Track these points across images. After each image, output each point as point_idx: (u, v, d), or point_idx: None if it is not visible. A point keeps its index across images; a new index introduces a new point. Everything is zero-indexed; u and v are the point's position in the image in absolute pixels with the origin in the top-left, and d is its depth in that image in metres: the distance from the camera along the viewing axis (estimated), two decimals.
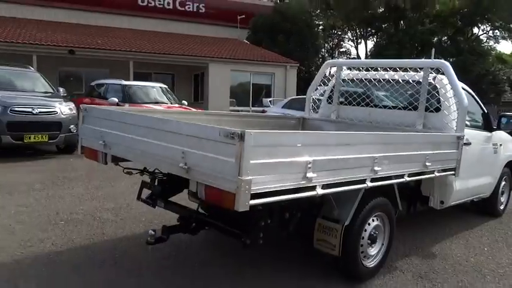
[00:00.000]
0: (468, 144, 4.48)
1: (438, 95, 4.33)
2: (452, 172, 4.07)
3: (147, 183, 3.58)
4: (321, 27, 42.93)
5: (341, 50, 52.54)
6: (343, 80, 5.18)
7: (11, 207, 4.81)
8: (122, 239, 3.99)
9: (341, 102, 5.18)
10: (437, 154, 3.72)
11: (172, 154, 2.52)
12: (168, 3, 24.00)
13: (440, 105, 4.31)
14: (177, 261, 3.55)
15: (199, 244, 3.94)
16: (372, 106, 4.86)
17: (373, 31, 37.82)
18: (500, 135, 5.35)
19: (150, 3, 23.33)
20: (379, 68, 4.88)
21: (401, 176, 3.37)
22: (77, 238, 3.95)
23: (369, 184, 3.00)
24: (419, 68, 4.49)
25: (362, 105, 4.94)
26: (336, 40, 51.89)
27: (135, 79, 15.02)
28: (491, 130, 5.08)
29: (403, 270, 3.66)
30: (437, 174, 3.84)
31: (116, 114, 3.14)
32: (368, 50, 39.27)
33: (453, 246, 4.36)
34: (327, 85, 5.33)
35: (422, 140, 3.58)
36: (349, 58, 49.82)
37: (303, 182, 2.48)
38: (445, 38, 32.73)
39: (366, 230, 3.31)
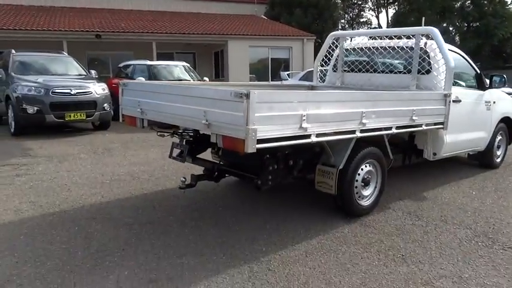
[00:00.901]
0: (458, 101, 5.03)
1: (429, 58, 4.85)
2: (441, 126, 4.64)
3: (177, 144, 4.32)
4: None
5: (361, 20, 52.03)
6: (346, 50, 5.74)
7: (64, 172, 5.68)
8: (158, 192, 4.77)
9: (344, 70, 5.76)
10: (424, 110, 4.30)
11: (196, 114, 3.21)
12: None
13: (430, 68, 4.84)
14: (203, 205, 4.32)
15: (222, 193, 4.69)
16: (371, 72, 5.42)
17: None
18: (494, 93, 5.82)
19: None
20: (377, 37, 5.42)
21: (390, 128, 3.99)
22: (121, 192, 4.76)
23: (359, 135, 3.64)
24: (412, 35, 5.00)
25: (363, 72, 5.52)
26: (356, 10, 51.26)
27: (158, 59, 15.75)
28: (484, 89, 5.58)
29: (394, 209, 4.31)
30: (426, 127, 4.43)
31: (149, 86, 3.86)
32: (389, 18, 38.79)
33: (444, 191, 4.96)
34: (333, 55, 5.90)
35: (408, 97, 4.16)
36: (370, 28, 49.46)
37: (299, 131, 3.14)
38: (468, 2, 32.01)
39: (359, 174, 3.96)
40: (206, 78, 12.10)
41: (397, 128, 4.06)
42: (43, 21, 16.04)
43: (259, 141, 2.89)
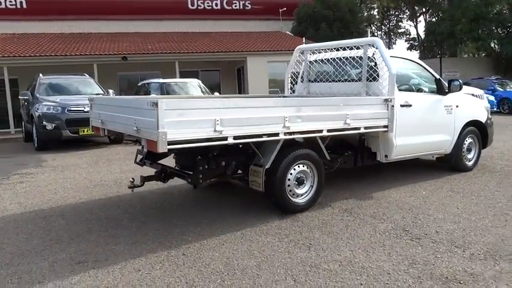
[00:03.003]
0: (408, 106, 5.29)
1: (375, 66, 5.17)
2: (385, 129, 4.92)
3: (140, 150, 4.90)
4: (375, 10, 42.50)
5: (399, 31, 51.39)
6: (310, 62, 6.15)
7: (60, 179, 6.43)
8: (129, 195, 5.33)
9: (309, 80, 6.15)
10: (360, 114, 4.63)
11: (130, 122, 3.77)
12: (216, 4, 25.64)
13: (377, 75, 5.15)
14: (161, 205, 4.85)
15: (184, 195, 5.20)
16: (331, 81, 5.78)
17: (425, 9, 36.78)
18: (457, 97, 5.97)
19: (200, 6, 25.19)
20: (333, 49, 5.79)
21: (320, 131, 4.35)
22: (98, 195, 5.40)
23: (283, 137, 4.05)
24: (361, 46, 5.35)
25: (324, 81, 5.89)
26: (394, 21, 50.79)
27: (182, 77, 16.67)
28: (443, 93, 5.76)
29: (334, 207, 4.63)
30: (365, 130, 4.75)
31: (104, 100, 4.50)
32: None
33: (395, 192, 5.19)
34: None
35: (337, 102, 4.51)
36: (409, 38, 48.76)
37: (215, 134, 3.61)
38: (505, 7, 30.99)
39: (291, 174, 4.33)
40: (217, 93, 12.76)
41: (329, 131, 4.43)
42: (77, 47, 17.48)
43: (171, 142, 3.40)
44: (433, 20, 34.27)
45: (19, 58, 15.96)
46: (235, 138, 3.75)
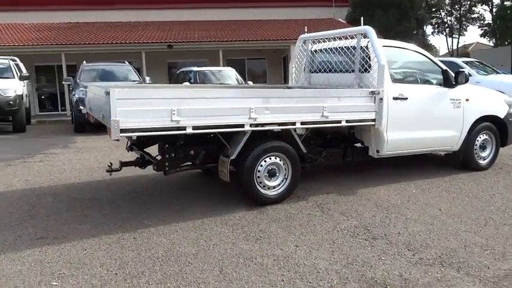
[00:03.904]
0: (403, 99, 5.01)
1: (367, 57, 4.94)
2: (373, 123, 4.71)
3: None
4: None
5: (473, 16, 47.78)
6: (311, 52, 5.99)
7: (75, 160, 6.89)
8: (122, 178, 5.55)
9: (310, 71, 6.01)
10: (340, 106, 4.47)
11: (99, 109, 3.97)
12: None
13: (369, 66, 4.92)
14: (144, 191, 5.03)
15: (172, 181, 5.36)
16: (328, 72, 5.61)
17: None
18: (467, 90, 5.54)
19: None
20: (331, 39, 5.59)
21: (293, 123, 4.27)
22: (97, 177, 5.72)
23: (249, 128, 4.03)
24: (354, 35, 5.12)
25: (322, 72, 5.73)
26: (467, 5, 47.27)
27: (228, 65, 16.90)
28: (450, 86, 5.37)
29: (309, 200, 4.53)
30: (347, 124, 4.59)
31: (90, 89, 4.72)
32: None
33: (383, 189, 4.96)
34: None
35: (314, 94, 4.38)
36: (482, 24, 45.24)
37: (171, 124, 3.68)
38: None
39: (261, 165, 4.30)
40: (250, 82, 12.83)
41: (304, 123, 4.33)
42: (124, 35, 18.33)
43: (124, 130, 3.53)
44: (506, 3, 31.49)
45: (74, 46, 17.08)
46: (194, 128, 3.80)
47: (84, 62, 12.03)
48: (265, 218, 4.03)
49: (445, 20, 47.07)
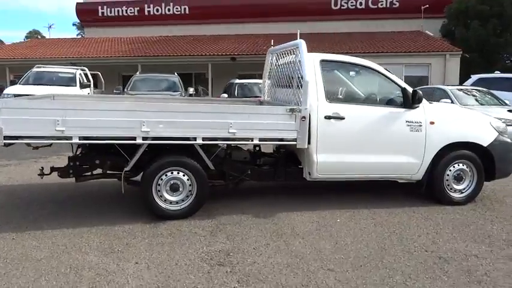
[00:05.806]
0: (339, 118, 4.58)
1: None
2: (294, 142, 4.39)
3: None
4: None
5: None
6: (278, 65, 5.75)
7: None
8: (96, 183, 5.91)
9: (273, 85, 5.79)
10: (251, 123, 4.26)
11: None
12: (361, 3, 24.94)
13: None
14: (90, 197, 5.28)
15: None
16: (281, 87, 5.35)
17: None
18: (434, 112, 4.83)
19: (343, 6, 24.88)
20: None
21: (194, 139, 4.19)
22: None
23: (141, 142, 4.07)
24: (295, 49, 4.81)
25: (280, 87, 5.46)
26: None
27: None
28: (408, 107, 4.75)
29: (217, 219, 4.36)
30: (260, 142, 4.38)
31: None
32: None
33: (296, 215, 4.54)
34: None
35: (215, 110, 4.23)
36: None
37: (56, 133, 3.89)
38: None
39: (162, 179, 4.28)
40: None
41: (206, 139, 4.22)
42: (190, 48, 19.41)
43: (8, 137, 3.82)
44: None
45: (148, 58, 18.59)
46: (81, 138, 3.95)
47: (138, 73, 13.03)
48: (152, 234, 3.98)
49: None
